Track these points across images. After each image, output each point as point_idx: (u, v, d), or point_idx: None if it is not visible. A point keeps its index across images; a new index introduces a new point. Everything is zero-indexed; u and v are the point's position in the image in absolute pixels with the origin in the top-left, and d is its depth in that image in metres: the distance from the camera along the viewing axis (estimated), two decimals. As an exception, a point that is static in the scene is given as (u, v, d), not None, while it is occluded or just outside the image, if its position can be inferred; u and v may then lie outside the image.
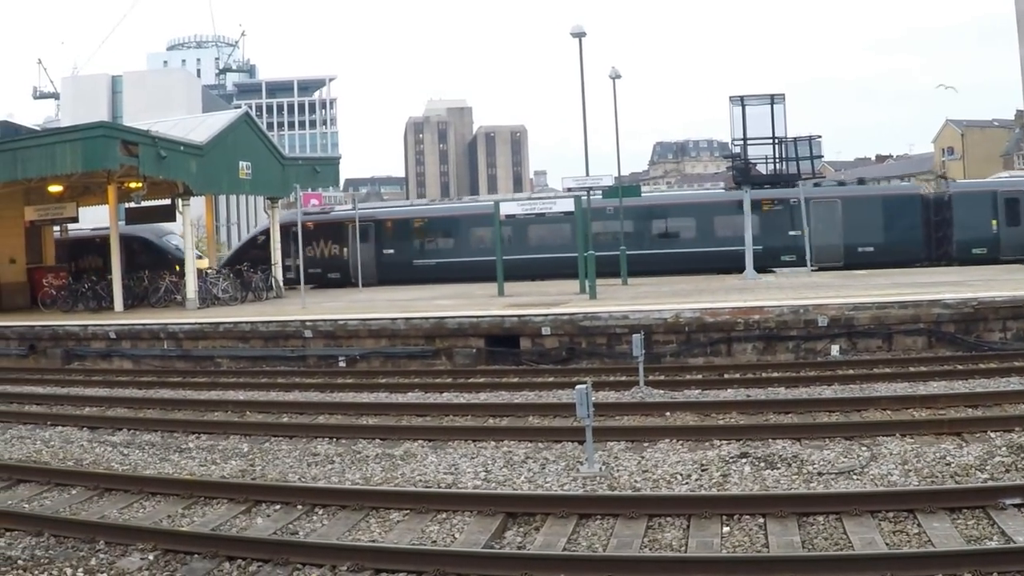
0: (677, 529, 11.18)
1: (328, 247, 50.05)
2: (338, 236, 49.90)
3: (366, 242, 47.81)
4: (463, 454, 15.53)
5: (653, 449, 15.15)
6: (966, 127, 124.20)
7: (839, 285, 32.85)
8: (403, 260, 48.98)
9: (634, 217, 45.42)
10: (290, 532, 11.93)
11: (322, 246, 50.04)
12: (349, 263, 48.23)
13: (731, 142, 41.03)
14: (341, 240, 49.71)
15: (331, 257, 49.91)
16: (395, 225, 50.44)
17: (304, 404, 21.40)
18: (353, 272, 46.00)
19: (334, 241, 49.99)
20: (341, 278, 48.99)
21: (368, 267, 47.04)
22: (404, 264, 48.79)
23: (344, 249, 49.50)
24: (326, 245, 50.12)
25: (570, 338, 26.60)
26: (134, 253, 49.33)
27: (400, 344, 27.92)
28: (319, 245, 49.98)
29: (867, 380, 20.87)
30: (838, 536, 10.68)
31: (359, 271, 44.53)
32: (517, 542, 11.20)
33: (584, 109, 38.83)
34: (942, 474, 12.95)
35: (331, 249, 49.96)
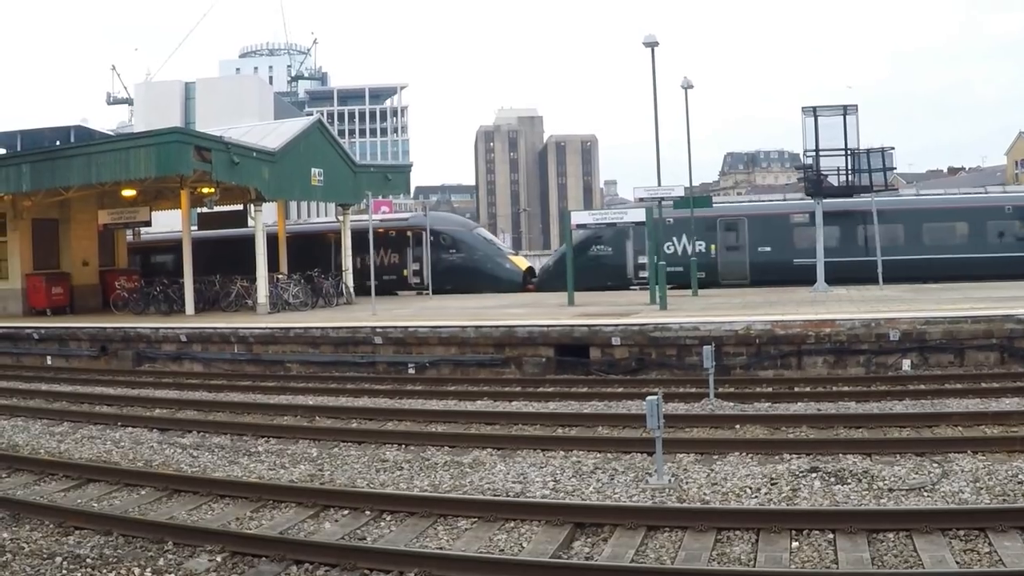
0: (746, 543, 11.15)
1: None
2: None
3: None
4: (532, 463, 15.56)
5: (722, 462, 15.11)
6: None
7: (910, 299, 32.56)
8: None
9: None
10: (358, 537, 12.01)
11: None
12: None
13: (803, 153, 40.68)
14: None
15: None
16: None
17: (373, 410, 21.52)
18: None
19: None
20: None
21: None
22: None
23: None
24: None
25: (640, 348, 26.55)
26: (442, 248, 49.73)
27: (469, 352, 27.99)
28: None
29: (938, 396, 20.66)
30: (908, 553, 10.61)
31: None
32: (585, 552, 11.21)
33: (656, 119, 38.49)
34: (1014, 492, 12.83)
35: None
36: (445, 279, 48.18)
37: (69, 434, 20.10)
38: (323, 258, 48.81)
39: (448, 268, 48.58)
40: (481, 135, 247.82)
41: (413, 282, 49.67)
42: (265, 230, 39.84)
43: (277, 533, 12.08)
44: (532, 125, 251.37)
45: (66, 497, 14.77)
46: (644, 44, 38.03)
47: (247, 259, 40.25)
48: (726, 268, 45.62)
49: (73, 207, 43.52)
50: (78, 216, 44.24)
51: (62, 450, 18.46)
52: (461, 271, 47.32)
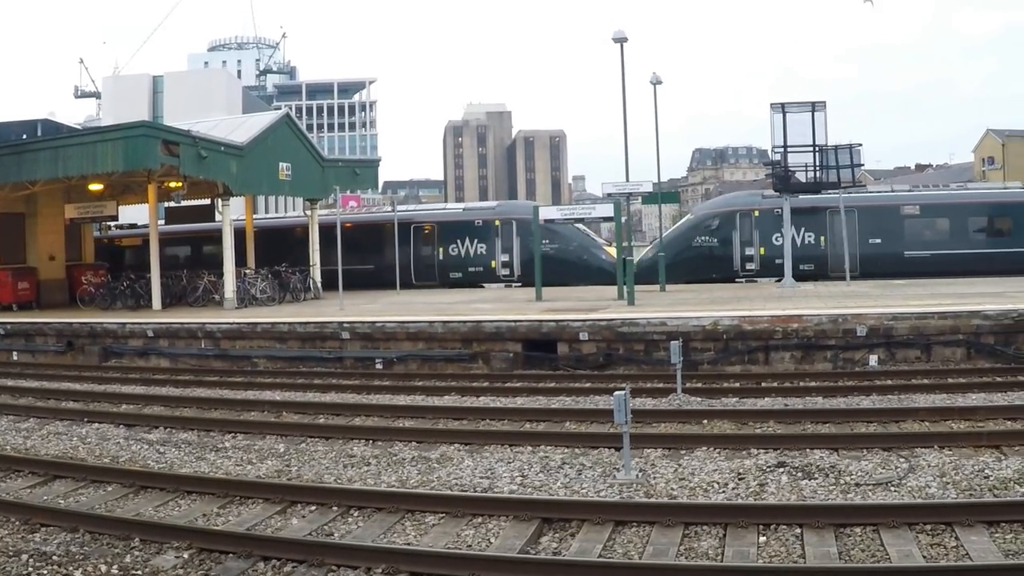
0: (713, 538, 11.16)
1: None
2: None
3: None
4: (499, 458, 15.55)
5: (690, 457, 15.13)
6: (1007, 137, 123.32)
7: (877, 295, 32.66)
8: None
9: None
10: (325, 533, 11.98)
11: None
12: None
13: (771, 149, 40.83)
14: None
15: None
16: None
17: (341, 405, 21.46)
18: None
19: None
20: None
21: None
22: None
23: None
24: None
25: (608, 344, 26.57)
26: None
27: (437, 347, 27.95)
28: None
29: (905, 391, 20.75)
30: (875, 548, 10.65)
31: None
32: (553, 547, 11.21)
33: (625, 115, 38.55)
34: (981, 487, 12.88)
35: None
36: (532, 271, 46.76)
37: (35, 430, 19.99)
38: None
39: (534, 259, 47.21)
40: (450, 130, 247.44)
41: (501, 274, 48.36)
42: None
43: (244, 529, 12.03)
44: (501, 120, 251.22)
45: (32, 494, 14.67)
46: (613, 40, 38.08)
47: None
48: (835, 260, 44.61)
49: (40, 201, 43.16)
50: (44, 210, 43.87)
51: (28, 446, 18.35)
52: (554, 262, 44.81)
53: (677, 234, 48.51)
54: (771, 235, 44.73)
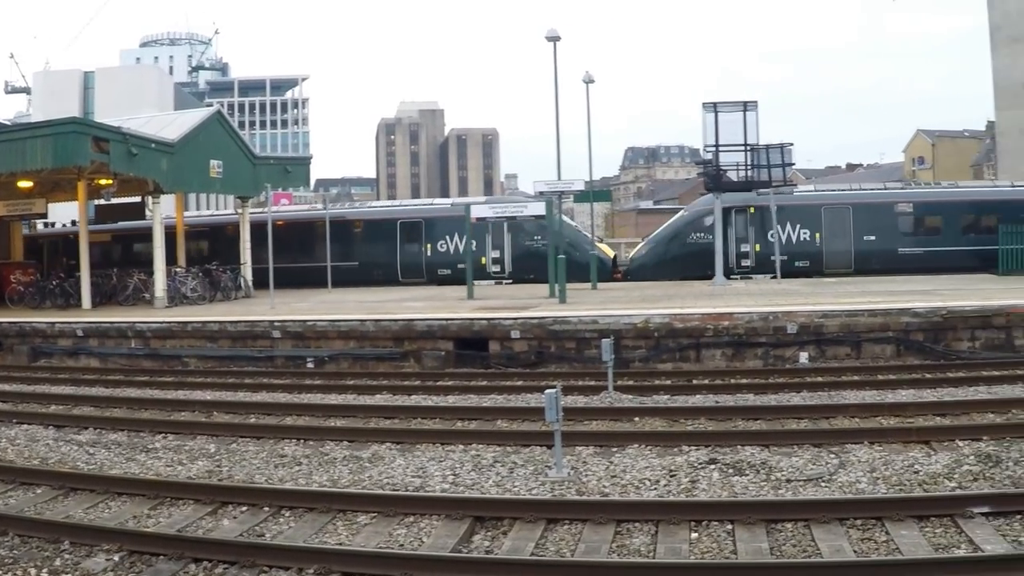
0: (645, 535, 11.14)
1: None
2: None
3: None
4: (431, 457, 15.46)
5: (622, 454, 15.12)
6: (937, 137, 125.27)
7: (808, 292, 32.92)
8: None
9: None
10: (256, 534, 11.83)
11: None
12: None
13: (703, 148, 41.07)
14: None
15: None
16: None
17: (272, 405, 21.28)
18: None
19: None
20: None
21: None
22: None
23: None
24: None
25: (539, 342, 26.58)
26: (524, 234, 47.83)
27: (369, 346, 27.83)
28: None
29: (836, 387, 20.89)
30: (806, 543, 10.67)
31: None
32: (485, 546, 11.14)
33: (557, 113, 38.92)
34: (910, 482, 12.97)
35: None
36: (527, 267, 46.04)
37: (-39, 432, 19.67)
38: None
39: (531, 256, 46.15)
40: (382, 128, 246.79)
41: (492, 271, 47.80)
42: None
43: (175, 531, 11.86)
44: (433, 118, 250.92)
45: (-42, 496, 14.44)
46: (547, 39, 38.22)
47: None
48: (831, 258, 45.39)
49: (-33, 199, 42.64)
50: (-29, 208, 43.35)
51: (-47, 448, 18.06)
52: (545, 259, 45.18)
53: (671, 231, 48.42)
54: (767, 232, 44.76)
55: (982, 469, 13.49)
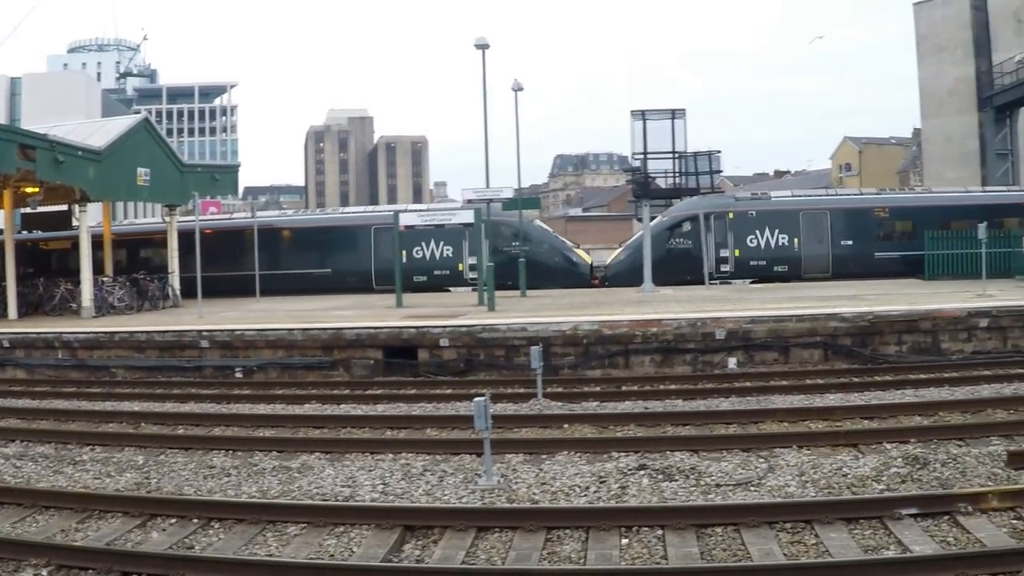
0: (576, 542, 11.14)
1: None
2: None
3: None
4: (361, 466, 15.38)
5: (551, 461, 15.11)
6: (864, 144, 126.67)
7: (736, 299, 33.12)
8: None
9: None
10: (186, 546, 11.69)
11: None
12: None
13: (631, 156, 41.17)
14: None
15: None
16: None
17: (200, 416, 21.04)
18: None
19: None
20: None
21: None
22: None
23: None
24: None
25: (468, 350, 26.52)
26: (503, 240, 46.88)
27: (298, 355, 27.66)
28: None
29: (764, 392, 21.08)
30: (736, 547, 10.72)
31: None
32: (416, 556, 11.09)
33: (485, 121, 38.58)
34: (839, 485, 13.08)
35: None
36: (505, 273, 43.94)
37: None
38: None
39: (510, 262, 44.52)
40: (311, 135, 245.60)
41: (469, 277, 46.55)
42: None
43: (103, 544, 11.70)
44: (363, 126, 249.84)
45: None
46: (476, 46, 38.09)
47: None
48: (809, 262, 45.55)
49: None
50: None
51: None
52: (526, 265, 43.43)
53: (651, 235, 48.15)
54: (746, 237, 45.33)
55: (910, 471, 13.62)
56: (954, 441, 15.55)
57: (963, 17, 77.97)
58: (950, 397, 19.97)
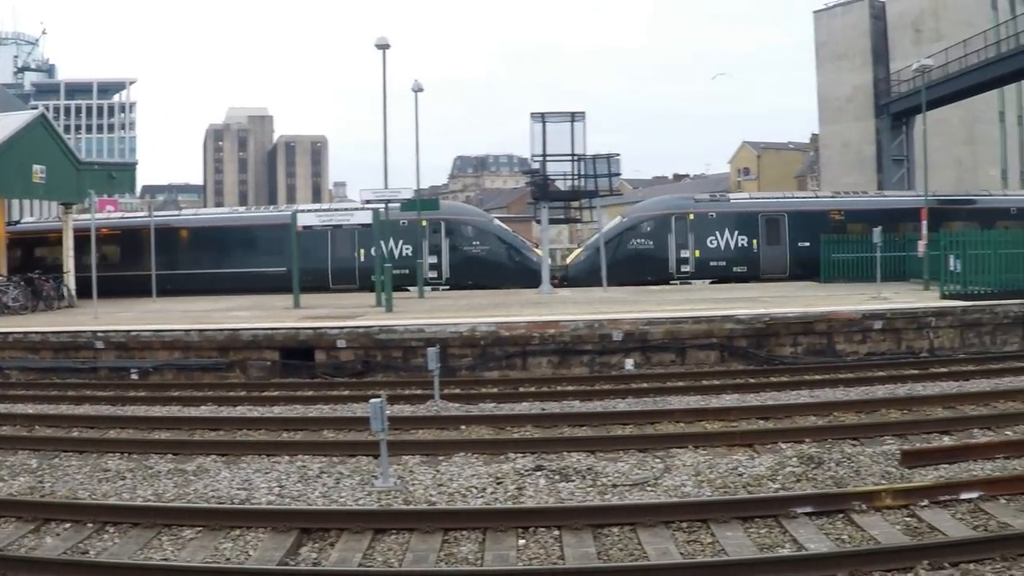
0: (473, 543, 11.14)
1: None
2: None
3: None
4: (257, 469, 15.24)
5: (448, 463, 15.10)
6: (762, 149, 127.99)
7: (633, 301, 33.28)
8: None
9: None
10: (80, 551, 11.50)
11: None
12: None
13: (531, 158, 41.30)
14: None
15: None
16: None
17: (95, 418, 20.68)
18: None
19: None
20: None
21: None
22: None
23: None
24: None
25: (365, 351, 26.39)
26: (463, 240, 47.03)
27: (194, 356, 27.32)
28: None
29: (661, 393, 21.21)
30: (633, 547, 10.78)
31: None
32: (312, 558, 11.02)
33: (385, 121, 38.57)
34: (735, 484, 13.21)
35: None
36: (466, 273, 45.70)
37: None
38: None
39: (469, 261, 45.89)
40: (211, 133, 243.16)
41: (429, 276, 46.25)
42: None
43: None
44: (262, 124, 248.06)
45: None
46: (376, 46, 37.95)
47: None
48: (767, 263, 46.21)
49: None
50: None
51: None
52: (484, 264, 44.77)
53: (612, 236, 48.45)
54: (706, 238, 46.00)
55: (804, 470, 13.81)
56: (849, 441, 15.83)
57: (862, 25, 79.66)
58: (845, 397, 20.28)
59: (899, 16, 78.22)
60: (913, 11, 76.89)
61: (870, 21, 79.50)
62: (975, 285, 31.31)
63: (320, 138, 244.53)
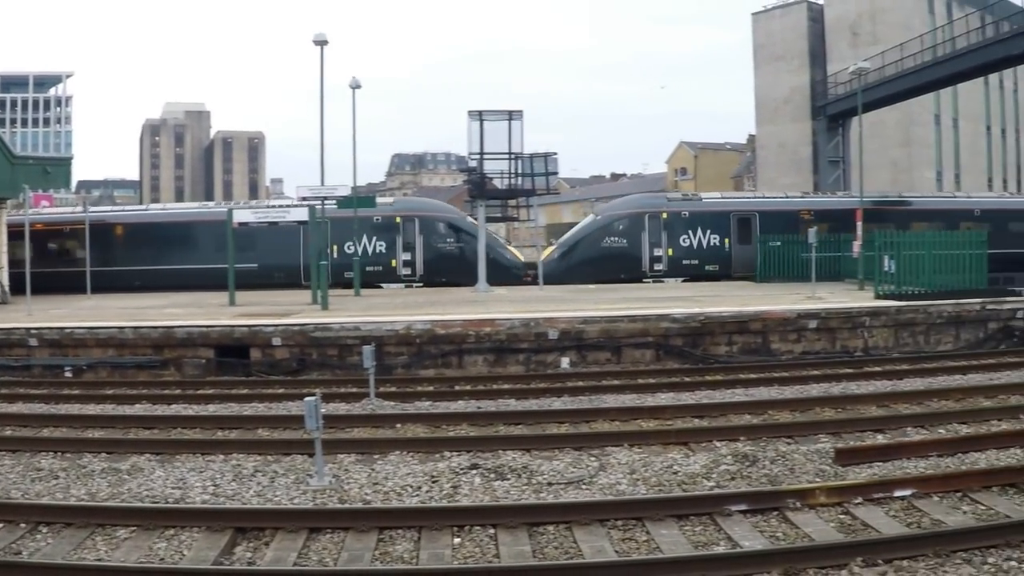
0: (408, 542, 11.12)
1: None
2: None
3: None
4: (191, 468, 15.13)
5: (384, 461, 15.07)
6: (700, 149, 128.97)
7: (570, 299, 33.36)
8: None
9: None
10: (13, 552, 11.35)
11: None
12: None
13: (468, 156, 41.33)
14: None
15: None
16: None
17: (28, 416, 20.42)
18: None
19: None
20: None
21: None
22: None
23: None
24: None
25: (301, 349, 26.30)
26: (437, 236, 46.96)
27: (128, 354, 27.09)
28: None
29: (596, 392, 21.30)
30: (568, 545, 10.81)
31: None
32: (247, 558, 10.96)
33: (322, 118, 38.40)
34: (670, 482, 13.28)
35: None
36: (439, 270, 45.69)
37: None
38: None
39: (443, 258, 45.87)
40: (147, 128, 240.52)
41: (403, 273, 46.46)
42: None
43: (-78, 552, 11.34)
44: (199, 120, 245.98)
45: None
46: (314, 42, 37.76)
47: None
48: (739, 263, 46.63)
49: None
50: None
51: None
52: (458, 261, 44.48)
53: (585, 234, 49.22)
54: (679, 237, 46.61)
55: (739, 468, 13.91)
56: (783, 439, 15.99)
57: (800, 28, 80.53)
58: (779, 396, 20.47)
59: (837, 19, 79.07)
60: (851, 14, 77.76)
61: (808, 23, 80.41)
62: (909, 285, 31.67)
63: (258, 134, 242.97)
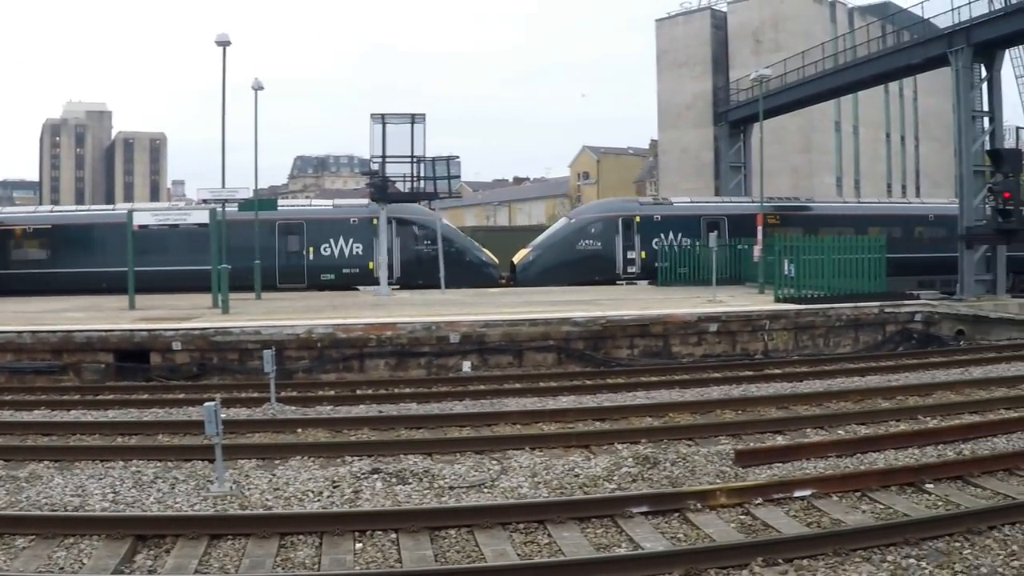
0: (310, 547, 11.08)
1: None
2: None
3: None
4: (91, 475, 14.93)
5: (285, 466, 15.00)
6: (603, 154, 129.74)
7: (471, 303, 33.42)
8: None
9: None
10: (-95, 564, 11.21)
11: None
12: None
13: (371, 159, 41.33)
14: None
15: None
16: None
17: (-80, 424, 20.16)
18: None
19: None
20: None
21: None
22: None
23: None
24: None
25: (201, 353, 26.15)
26: (413, 239, 46.86)
27: (26, 359, 26.73)
28: None
29: (498, 395, 21.38)
30: (470, 548, 10.84)
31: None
32: (148, 566, 10.84)
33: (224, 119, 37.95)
34: (571, 485, 13.34)
35: None
36: (416, 273, 45.38)
37: None
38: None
39: (421, 260, 45.56)
40: (47, 128, 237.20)
41: (379, 276, 44.75)
42: None
43: None
44: (100, 120, 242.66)
45: None
46: (217, 43, 37.48)
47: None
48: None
49: None
50: None
51: None
52: (435, 264, 42.93)
53: (560, 237, 49.66)
54: (651, 240, 47.42)
55: (640, 471, 14.02)
56: (684, 441, 16.16)
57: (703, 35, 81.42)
58: (680, 399, 20.69)
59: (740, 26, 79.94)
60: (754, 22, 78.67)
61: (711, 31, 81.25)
62: (809, 289, 32.15)
63: (159, 135, 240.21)
